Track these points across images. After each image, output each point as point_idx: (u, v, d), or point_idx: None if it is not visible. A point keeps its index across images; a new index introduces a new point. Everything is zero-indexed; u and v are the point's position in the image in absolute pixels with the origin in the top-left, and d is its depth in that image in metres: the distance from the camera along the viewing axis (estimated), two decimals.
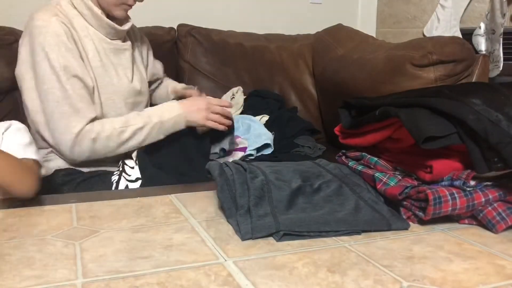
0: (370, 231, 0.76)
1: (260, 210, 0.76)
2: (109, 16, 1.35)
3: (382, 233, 0.75)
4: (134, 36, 1.51)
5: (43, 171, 1.09)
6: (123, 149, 1.28)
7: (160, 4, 2.19)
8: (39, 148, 1.27)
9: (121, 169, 1.28)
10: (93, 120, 1.25)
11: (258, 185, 0.81)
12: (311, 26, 2.32)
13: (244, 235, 0.72)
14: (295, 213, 0.77)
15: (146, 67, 1.55)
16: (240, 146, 1.55)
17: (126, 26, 1.39)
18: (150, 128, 1.28)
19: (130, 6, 1.36)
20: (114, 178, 1.27)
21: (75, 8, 1.30)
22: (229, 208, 0.80)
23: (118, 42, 1.38)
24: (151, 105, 1.47)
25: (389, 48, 1.70)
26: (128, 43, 1.42)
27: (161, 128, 1.29)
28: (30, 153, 1.02)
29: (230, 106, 1.42)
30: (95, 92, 1.29)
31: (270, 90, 2.11)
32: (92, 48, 1.30)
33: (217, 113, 1.35)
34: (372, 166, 0.91)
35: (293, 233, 0.72)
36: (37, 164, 1.04)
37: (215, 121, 1.34)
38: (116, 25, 1.34)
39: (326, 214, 0.78)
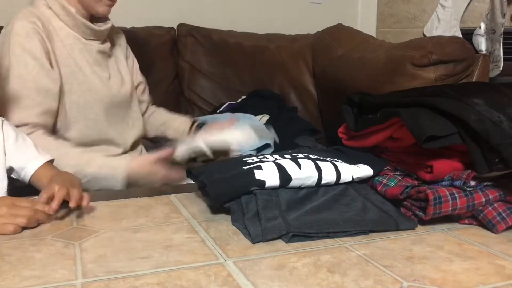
0: (379, 231, 0.76)
1: (269, 213, 0.76)
2: (92, 16, 1.34)
3: (382, 233, 0.75)
4: (117, 39, 1.48)
5: None
6: None
7: (160, 4, 2.18)
8: None
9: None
10: (28, 124, 1.18)
11: (265, 189, 0.81)
12: (311, 26, 2.32)
13: (255, 238, 0.72)
14: (304, 215, 0.77)
15: (131, 72, 1.50)
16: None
17: (103, 27, 1.35)
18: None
19: (113, 1, 1.32)
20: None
21: (50, 8, 1.28)
22: (235, 212, 0.80)
23: (96, 42, 1.35)
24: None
25: (389, 48, 1.70)
26: (108, 44, 1.40)
27: (91, 181, 1.18)
28: (44, 155, 1.05)
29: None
30: (61, 93, 1.26)
31: (270, 90, 2.11)
32: (66, 48, 1.28)
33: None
34: None
35: (303, 234, 0.72)
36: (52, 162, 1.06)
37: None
38: (92, 25, 1.32)
39: (334, 214, 0.78)
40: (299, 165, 0.84)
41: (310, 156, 0.89)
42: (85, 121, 1.30)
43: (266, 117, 1.87)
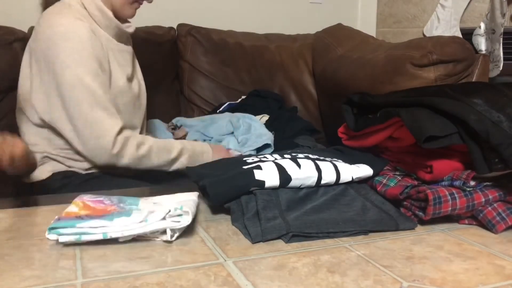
0: (379, 231, 0.76)
1: (269, 213, 0.76)
2: (116, 17, 1.35)
3: (382, 233, 0.75)
4: (131, 41, 1.49)
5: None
6: (157, 166, 1.28)
7: (160, 4, 2.18)
8: (43, 151, 1.27)
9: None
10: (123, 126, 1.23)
11: (265, 189, 0.81)
12: (311, 26, 2.33)
13: (255, 238, 0.72)
14: (304, 215, 0.77)
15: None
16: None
17: (131, 29, 1.38)
18: (186, 154, 1.32)
19: (140, 5, 1.36)
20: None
21: (85, 9, 1.28)
22: (235, 212, 0.80)
23: (123, 44, 1.37)
24: None
25: (389, 48, 1.70)
26: (130, 47, 1.42)
27: (193, 158, 1.34)
28: None
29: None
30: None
31: (270, 90, 2.11)
32: (104, 47, 1.28)
33: None
34: None
35: (303, 234, 0.73)
36: None
37: None
38: (123, 28, 1.34)
39: (334, 214, 0.78)
40: (298, 165, 0.84)
41: (310, 156, 0.89)
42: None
43: (266, 117, 1.87)
